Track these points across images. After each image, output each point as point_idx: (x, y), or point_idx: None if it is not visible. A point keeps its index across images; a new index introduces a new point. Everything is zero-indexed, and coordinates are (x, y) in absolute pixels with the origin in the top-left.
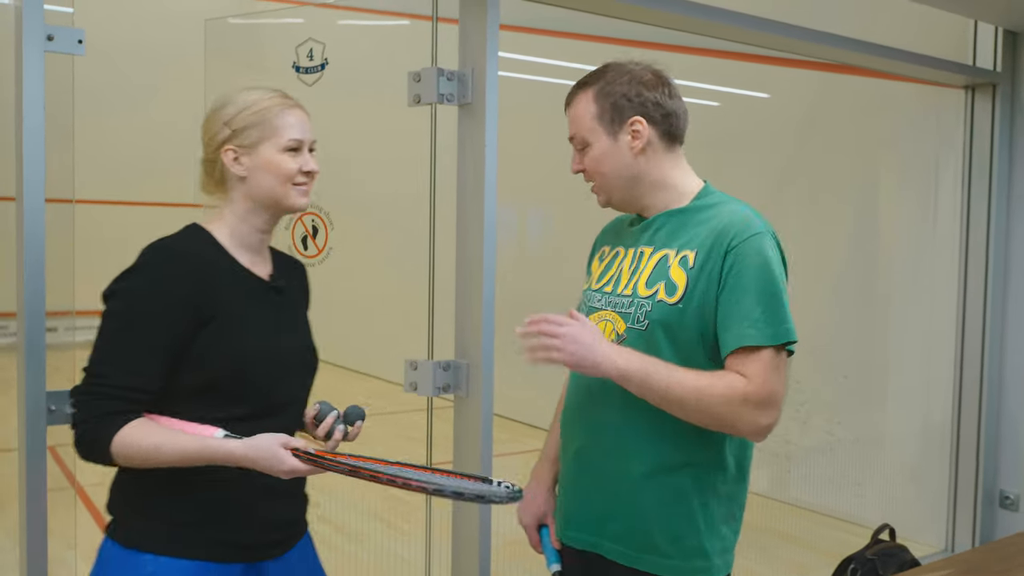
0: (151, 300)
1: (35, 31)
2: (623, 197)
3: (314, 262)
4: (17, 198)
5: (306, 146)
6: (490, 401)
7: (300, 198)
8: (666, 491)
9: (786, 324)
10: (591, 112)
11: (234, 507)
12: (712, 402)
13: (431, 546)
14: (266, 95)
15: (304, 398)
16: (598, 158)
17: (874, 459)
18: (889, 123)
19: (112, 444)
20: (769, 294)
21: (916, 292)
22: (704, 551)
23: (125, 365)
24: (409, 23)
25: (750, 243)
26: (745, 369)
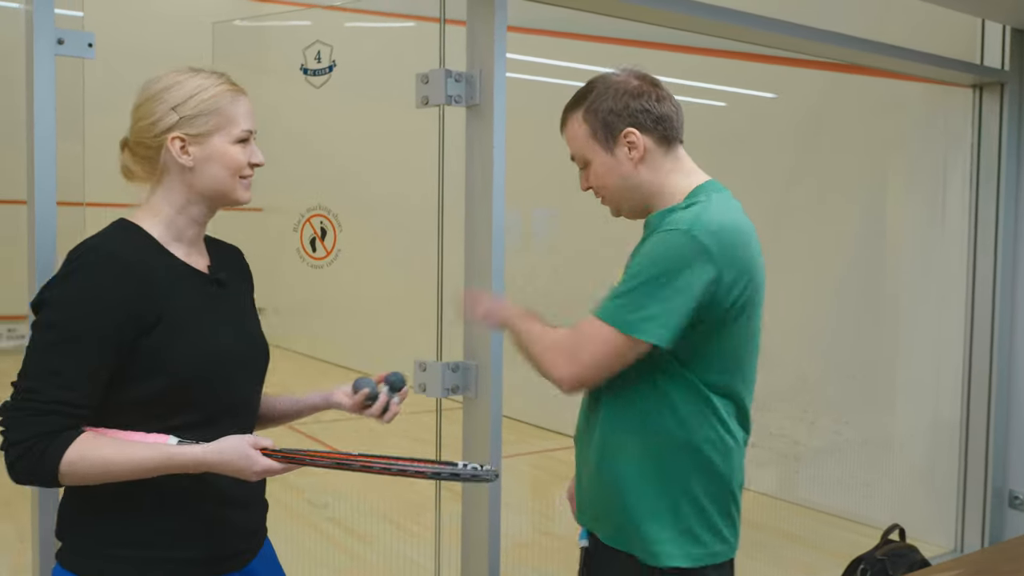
0: (84, 308)
1: (46, 35)
2: (631, 206)
3: (322, 264)
4: (28, 201)
5: (253, 136)
6: (499, 402)
7: (246, 192)
8: (616, 478)
9: (628, 313)
10: (584, 132)
11: (190, 522)
12: (536, 345)
13: (440, 548)
14: (216, 80)
15: (257, 394)
16: (600, 174)
17: (882, 459)
18: (896, 123)
19: (60, 463)
20: (638, 281)
21: (924, 292)
22: (653, 535)
23: (59, 379)
24: (415, 25)
25: (661, 234)
26: (573, 328)
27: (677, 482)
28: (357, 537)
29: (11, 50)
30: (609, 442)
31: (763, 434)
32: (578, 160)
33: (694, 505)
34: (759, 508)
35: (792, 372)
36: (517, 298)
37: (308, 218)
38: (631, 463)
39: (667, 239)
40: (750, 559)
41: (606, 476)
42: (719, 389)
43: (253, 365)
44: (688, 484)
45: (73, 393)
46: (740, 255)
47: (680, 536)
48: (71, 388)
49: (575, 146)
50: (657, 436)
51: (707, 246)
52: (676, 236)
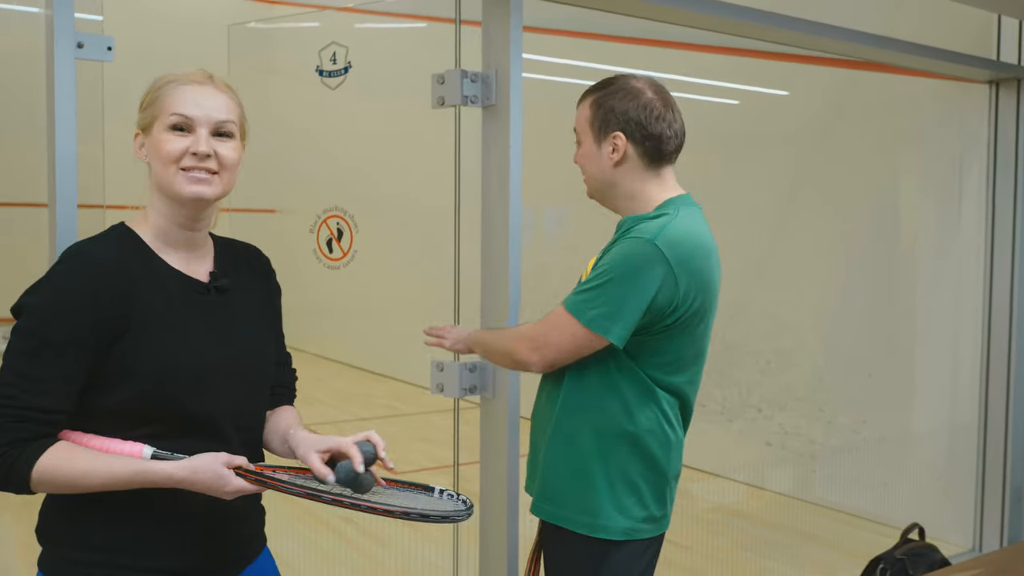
0: (58, 314)
1: (66, 38)
2: (601, 197)
3: (339, 265)
4: (49, 204)
5: (201, 125)
6: (516, 402)
7: (189, 185)
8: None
9: (590, 309)
10: (586, 116)
11: (178, 528)
12: (504, 341)
13: (459, 550)
14: (172, 73)
15: (249, 406)
16: (584, 156)
17: (900, 458)
18: (911, 120)
19: (32, 472)
20: (602, 279)
21: (941, 290)
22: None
23: (34, 385)
24: (430, 25)
25: (628, 240)
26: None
27: (617, 464)
28: (373, 539)
29: (32, 54)
30: (563, 421)
31: (779, 433)
32: (575, 137)
33: (630, 486)
34: (776, 508)
35: (808, 371)
36: (529, 297)
37: (324, 219)
38: (579, 442)
39: (632, 245)
40: (767, 559)
41: (555, 451)
42: (667, 387)
43: (240, 377)
44: (627, 468)
45: (47, 399)
46: (696, 267)
47: (614, 511)
48: (45, 394)
49: (577, 124)
50: (604, 421)
51: (666, 256)
52: (640, 244)
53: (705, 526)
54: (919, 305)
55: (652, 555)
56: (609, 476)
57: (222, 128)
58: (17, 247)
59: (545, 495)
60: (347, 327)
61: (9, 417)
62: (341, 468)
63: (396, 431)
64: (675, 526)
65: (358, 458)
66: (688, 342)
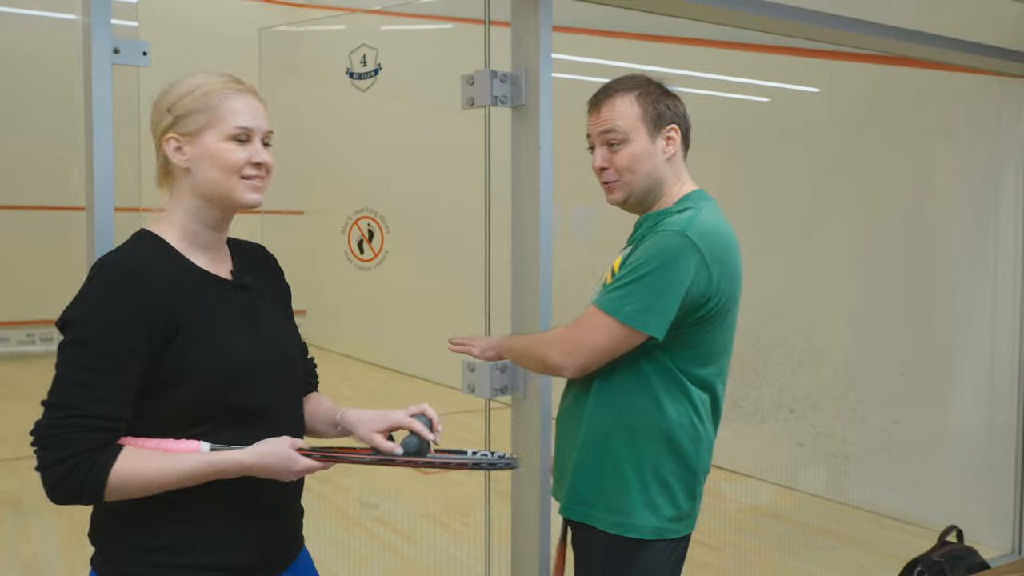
0: (111, 324)
1: (103, 44)
2: (640, 198)
3: (370, 266)
4: (87, 207)
5: (256, 136)
6: (548, 401)
7: (249, 193)
8: (597, 458)
9: (626, 306)
10: (635, 112)
11: (225, 528)
12: (536, 346)
13: (491, 550)
14: (212, 78)
15: (288, 398)
16: (636, 155)
17: (936, 458)
18: (946, 115)
19: (108, 478)
20: (636, 274)
21: (976, 287)
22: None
23: (94, 394)
24: (459, 26)
25: (658, 234)
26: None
27: (648, 462)
28: (405, 538)
29: (68, 60)
30: (594, 421)
31: (812, 433)
32: (615, 135)
33: (662, 484)
34: (809, 508)
35: (840, 370)
36: (559, 297)
37: (355, 220)
38: (611, 441)
39: (665, 239)
40: (801, 559)
41: (587, 451)
42: (697, 380)
43: (277, 369)
44: (658, 465)
45: (110, 407)
46: (726, 259)
47: (645, 510)
48: (107, 402)
49: (622, 122)
50: (636, 418)
51: (699, 247)
52: (672, 236)
53: (736, 527)
54: (954, 303)
55: (681, 554)
56: (641, 474)
57: (267, 138)
58: (54, 250)
59: (576, 495)
60: (377, 327)
61: (76, 427)
62: (408, 443)
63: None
64: (706, 527)
65: (424, 429)
66: (717, 333)
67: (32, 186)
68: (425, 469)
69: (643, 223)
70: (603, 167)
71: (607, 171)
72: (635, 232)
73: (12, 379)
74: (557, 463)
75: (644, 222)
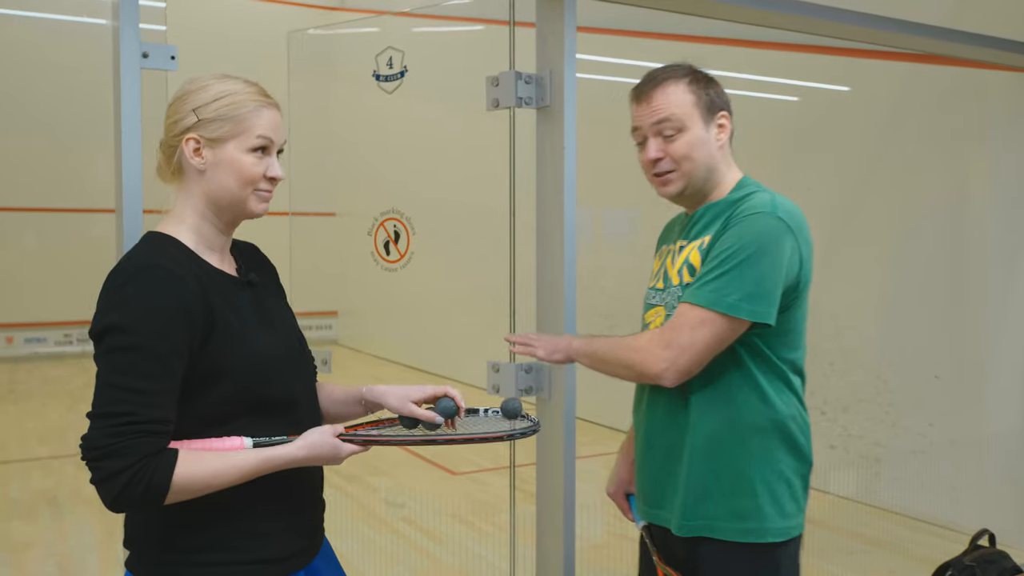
0: (153, 325)
1: (132, 49)
2: (696, 188)
3: (396, 267)
4: (117, 209)
5: (275, 148)
6: (572, 403)
7: (259, 204)
8: (718, 467)
9: (728, 296)
10: (690, 100)
11: (262, 522)
12: (621, 352)
13: (515, 550)
14: (243, 87)
15: (306, 389)
16: (693, 143)
17: (969, 462)
18: (978, 114)
19: (172, 481)
20: (733, 262)
21: (1012, 289)
22: (765, 530)
23: (149, 399)
24: (484, 28)
25: (746, 218)
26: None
27: (767, 458)
28: (431, 537)
29: (98, 64)
30: (700, 428)
31: (843, 435)
32: (670, 125)
33: (784, 482)
34: (840, 511)
35: (873, 372)
36: (584, 297)
37: (382, 222)
38: (723, 445)
39: (757, 222)
40: (832, 563)
41: (699, 462)
42: (792, 365)
43: (296, 360)
44: (777, 462)
45: (164, 410)
46: (808, 237)
47: (774, 512)
48: (161, 406)
49: (677, 110)
50: (746, 416)
51: (790, 226)
52: (764, 218)
53: None
54: (988, 305)
55: (800, 550)
56: (763, 474)
57: (282, 148)
58: (78, 252)
59: (694, 510)
60: (404, 328)
61: (135, 434)
62: (444, 406)
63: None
64: None
65: (458, 395)
66: (803, 313)
67: (68, 188)
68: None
69: (703, 214)
70: (658, 157)
71: (662, 161)
72: (693, 224)
73: (50, 378)
74: (657, 483)
75: (705, 213)
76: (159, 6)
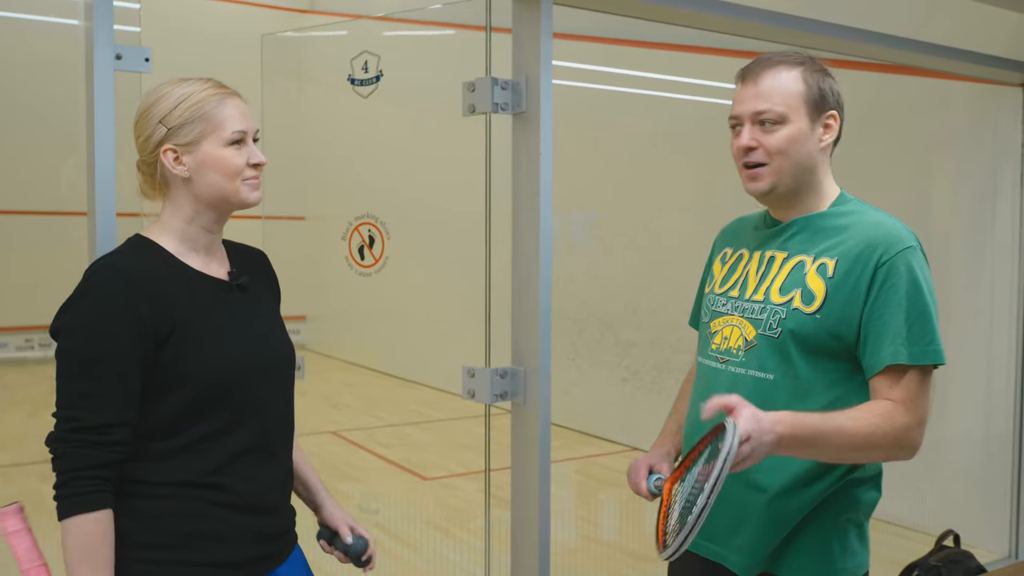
0: (101, 328)
1: (105, 50)
2: (789, 188)
3: (370, 272)
4: (89, 212)
5: (250, 136)
6: (548, 407)
7: (252, 193)
8: (799, 507)
9: (935, 345)
10: (799, 90)
11: (207, 526)
12: (881, 444)
13: (490, 556)
14: (200, 86)
15: (283, 401)
16: (793, 137)
17: (934, 464)
18: (943, 124)
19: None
20: (919, 312)
21: (975, 295)
22: (833, 567)
23: (93, 402)
24: (460, 33)
25: (902, 257)
26: (894, 393)
27: (852, 499)
28: (406, 544)
29: (71, 65)
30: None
31: None
32: (771, 115)
33: (860, 517)
34: None
35: None
36: (557, 303)
37: (356, 226)
38: (833, 492)
39: (910, 261)
40: None
41: (800, 509)
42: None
43: (274, 371)
44: (859, 500)
45: (108, 414)
46: None
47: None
48: (104, 409)
49: (781, 99)
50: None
51: (926, 256)
52: (916, 254)
53: None
54: (951, 309)
55: None
56: (851, 524)
57: (256, 135)
58: (54, 255)
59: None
60: (379, 333)
61: (77, 442)
62: (353, 545)
63: (428, 437)
64: None
65: (372, 543)
66: None
67: (32, 191)
68: None
69: (803, 227)
70: (751, 147)
71: (755, 152)
72: (790, 236)
73: (11, 384)
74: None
75: (806, 226)
76: (133, 7)
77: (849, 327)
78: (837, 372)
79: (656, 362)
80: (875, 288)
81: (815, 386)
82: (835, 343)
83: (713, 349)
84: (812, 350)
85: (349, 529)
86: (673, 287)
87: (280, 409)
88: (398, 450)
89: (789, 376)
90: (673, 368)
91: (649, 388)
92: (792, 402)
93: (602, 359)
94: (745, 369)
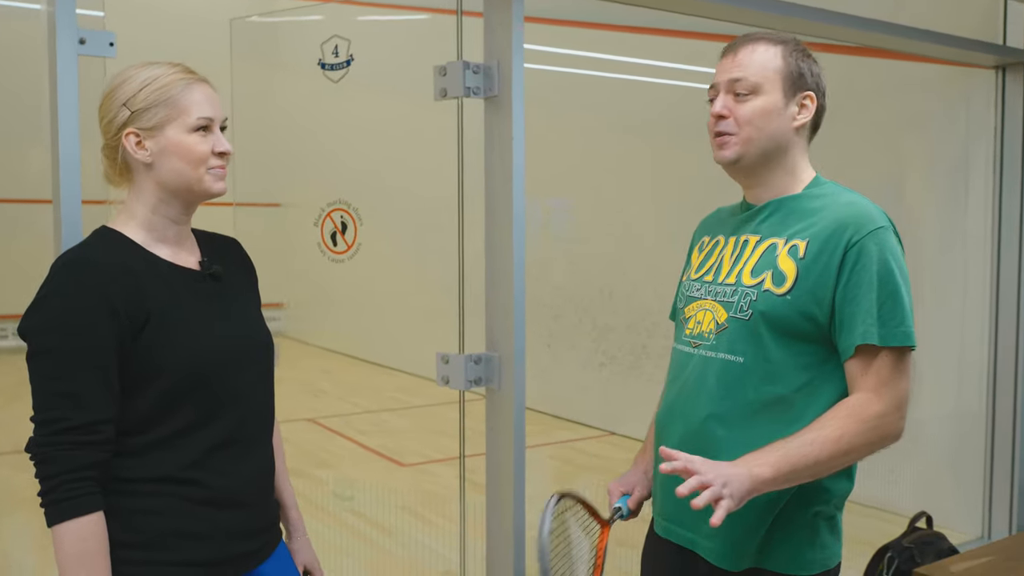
0: (76, 323)
1: (68, 35)
2: (755, 161)
3: (343, 258)
4: (54, 200)
5: (217, 124)
6: (522, 393)
7: (216, 182)
8: (769, 498)
9: (904, 327)
10: (776, 65)
11: (197, 524)
12: (857, 443)
13: (465, 541)
14: (167, 70)
15: (262, 388)
16: (764, 109)
17: (907, 446)
18: (916, 106)
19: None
20: (889, 292)
21: (948, 278)
22: (804, 558)
23: (76, 401)
24: (431, 17)
25: (872, 238)
26: (867, 380)
27: (823, 491)
28: (380, 529)
29: (33, 50)
30: None
31: None
32: (745, 84)
33: (836, 506)
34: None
35: None
36: (529, 289)
37: (328, 212)
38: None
39: (882, 241)
40: None
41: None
42: None
43: (251, 358)
44: (830, 491)
45: (94, 411)
46: None
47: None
48: (89, 406)
49: (756, 71)
50: None
51: (900, 237)
52: (887, 234)
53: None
54: (924, 292)
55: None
56: (821, 509)
57: (225, 123)
58: (19, 244)
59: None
60: (353, 320)
61: (65, 444)
62: None
63: (404, 423)
64: None
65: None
66: None
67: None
68: None
69: (776, 209)
70: (722, 115)
71: (725, 120)
72: (764, 218)
73: None
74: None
75: (779, 208)
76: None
77: (821, 308)
78: (809, 356)
79: (632, 346)
80: (846, 269)
81: (786, 370)
82: (807, 324)
83: (687, 334)
84: (783, 332)
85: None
86: (648, 271)
87: (258, 399)
88: (375, 436)
89: (759, 359)
90: (651, 352)
91: (627, 372)
92: (761, 385)
93: (579, 344)
94: (715, 352)
